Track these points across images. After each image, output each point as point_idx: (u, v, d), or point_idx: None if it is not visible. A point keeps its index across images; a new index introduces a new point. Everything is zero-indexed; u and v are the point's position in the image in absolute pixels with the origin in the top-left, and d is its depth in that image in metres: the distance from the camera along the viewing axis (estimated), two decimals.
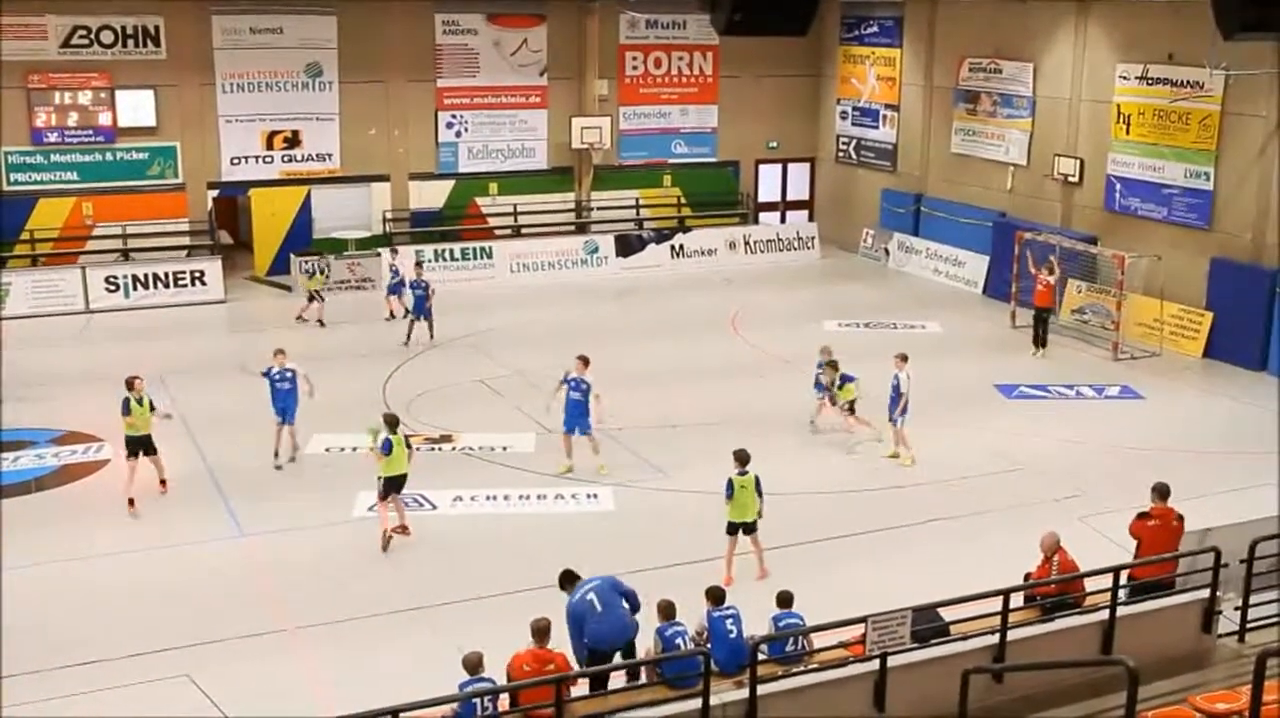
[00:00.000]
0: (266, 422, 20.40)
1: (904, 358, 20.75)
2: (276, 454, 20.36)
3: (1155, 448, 20.91)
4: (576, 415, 19.82)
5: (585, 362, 19.92)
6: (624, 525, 18.31)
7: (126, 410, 18.41)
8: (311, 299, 28.60)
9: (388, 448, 17.32)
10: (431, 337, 26.98)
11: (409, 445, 17.85)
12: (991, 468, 20.49)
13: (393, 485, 17.45)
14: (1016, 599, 12.01)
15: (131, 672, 13.91)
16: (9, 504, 18.68)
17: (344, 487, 19.23)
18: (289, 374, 20.40)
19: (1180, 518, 13.96)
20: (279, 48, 32.73)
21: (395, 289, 29.08)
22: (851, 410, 21.53)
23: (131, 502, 18.44)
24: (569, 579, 12.52)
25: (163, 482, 18.99)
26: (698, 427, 22.30)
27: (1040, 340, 27.32)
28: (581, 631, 11.98)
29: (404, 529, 17.48)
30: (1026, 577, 13.41)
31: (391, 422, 17.81)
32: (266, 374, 20.51)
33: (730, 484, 16.28)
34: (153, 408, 18.58)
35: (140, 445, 18.62)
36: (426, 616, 15.41)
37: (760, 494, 16.39)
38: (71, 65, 31.04)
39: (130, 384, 18.57)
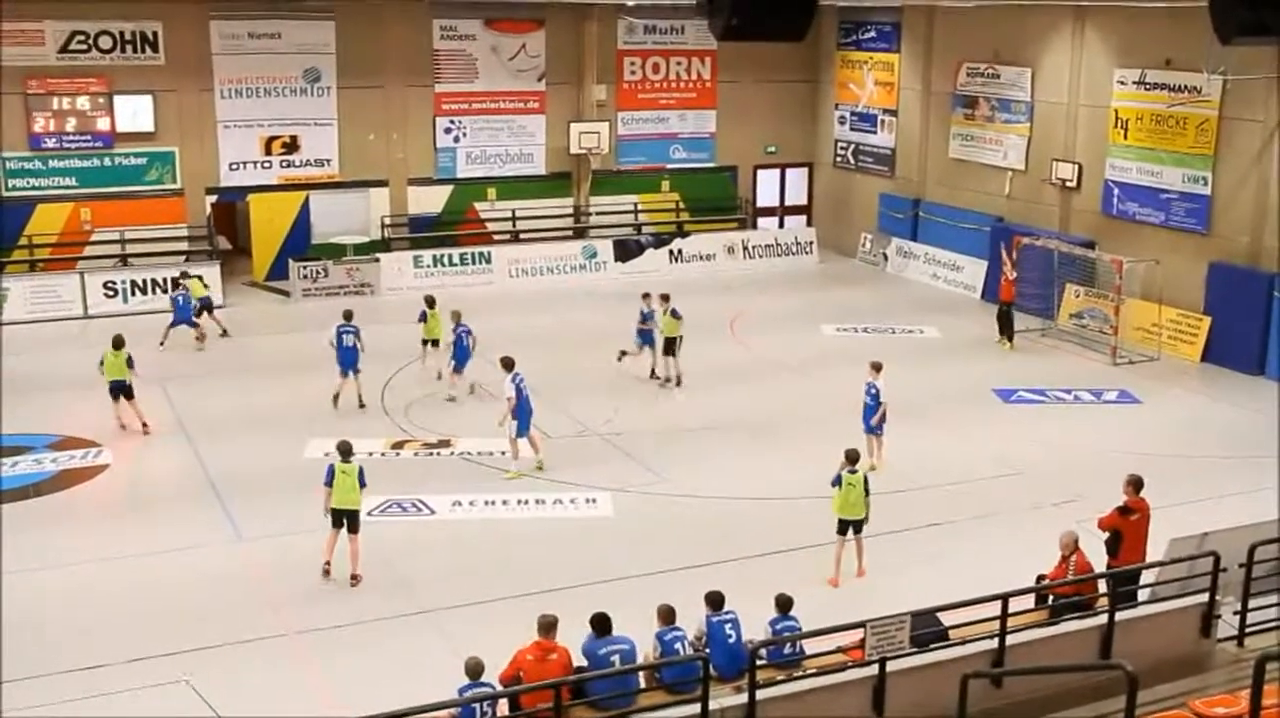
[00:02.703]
0: (267, 423, 20.32)
1: (878, 367, 20.60)
2: (335, 401, 22.81)
3: (1153, 452, 20.91)
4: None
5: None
6: (623, 530, 18.32)
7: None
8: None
9: (330, 477, 16.42)
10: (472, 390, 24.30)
11: (362, 482, 16.56)
12: (990, 472, 20.51)
13: (335, 518, 16.45)
14: (1016, 603, 12.02)
15: (131, 676, 13.91)
16: (9, 509, 18.67)
17: None
18: (353, 329, 23.00)
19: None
20: (277, 53, 32.74)
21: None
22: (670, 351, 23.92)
23: (124, 425, 21.63)
24: (602, 627, 11.82)
25: (144, 424, 21.46)
26: (696, 431, 22.32)
27: (1007, 334, 28.02)
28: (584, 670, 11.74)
29: (326, 570, 16.38)
30: (1040, 578, 13.47)
31: (344, 449, 16.71)
32: (336, 330, 22.97)
33: (839, 479, 16.48)
34: (130, 364, 20.88)
35: (121, 390, 21.40)
36: (426, 620, 15.41)
37: (868, 493, 16.56)
38: (70, 70, 31.03)
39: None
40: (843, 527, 16.60)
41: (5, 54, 30.28)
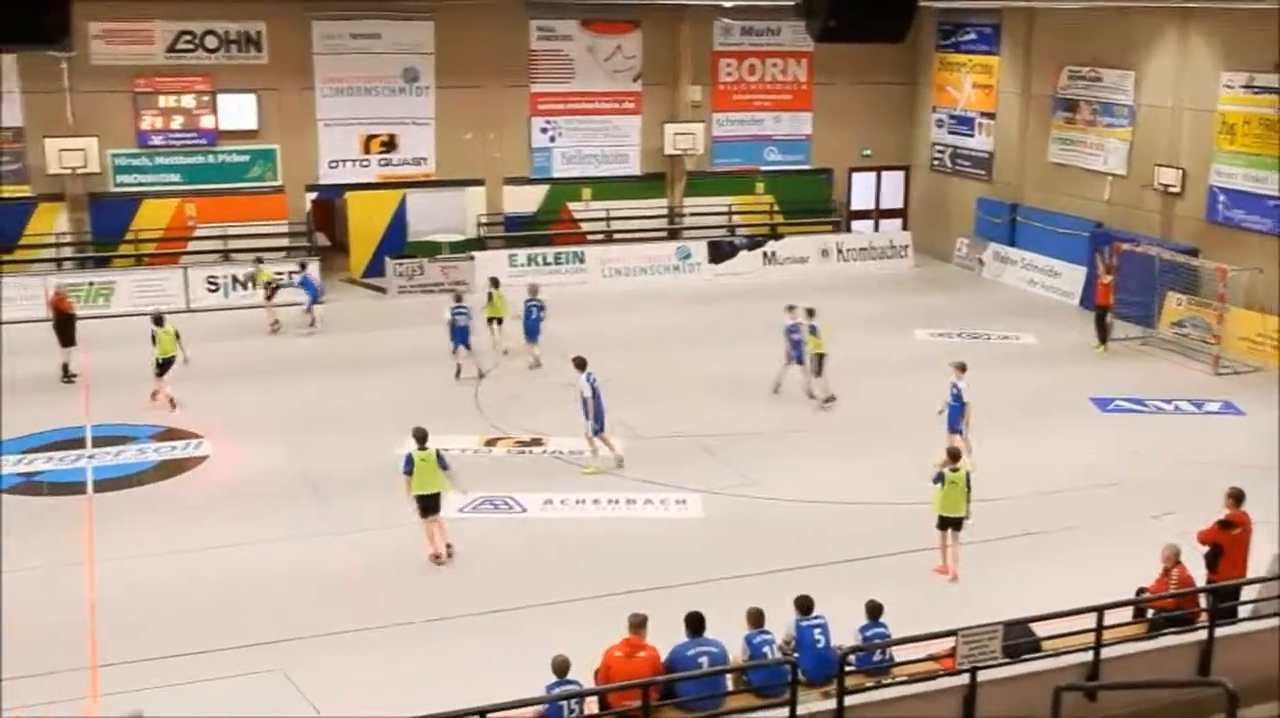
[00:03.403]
0: (361, 420, 20.52)
1: (962, 367, 20.57)
2: (458, 374, 24.85)
3: (1256, 465, 20.40)
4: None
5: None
6: (712, 532, 18.30)
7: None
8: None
9: (409, 466, 16.85)
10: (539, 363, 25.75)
11: (443, 464, 17.01)
12: (1085, 482, 20.17)
13: (423, 504, 16.93)
14: (1112, 616, 11.81)
15: (225, 665, 14.18)
16: (111, 498, 19.16)
17: None
18: (465, 310, 25.16)
19: None
20: (377, 53, 33.18)
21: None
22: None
23: (156, 396, 23.10)
24: (695, 627, 11.73)
25: (171, 402, 22.85)
26: (787, 434, 22.23)
27: (1101, 338, 27.69)
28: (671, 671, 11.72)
29: (435, 557, 16.93)
30: (1140, 590, 13.24)
31: (419, 436, 17.07)
32: (451, 312, 24.93)
33: (941, 477, 16.58)
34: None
35: (168, 366, 23.01)
36: (515, 617, 15.51)
37: (969, 491, 16.65)
38: (176, 69, 31.73)
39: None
40: (943, 523, 16.68)
41: (115, 53, 31.02)
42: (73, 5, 7.29)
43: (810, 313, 24.08)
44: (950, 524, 16.70)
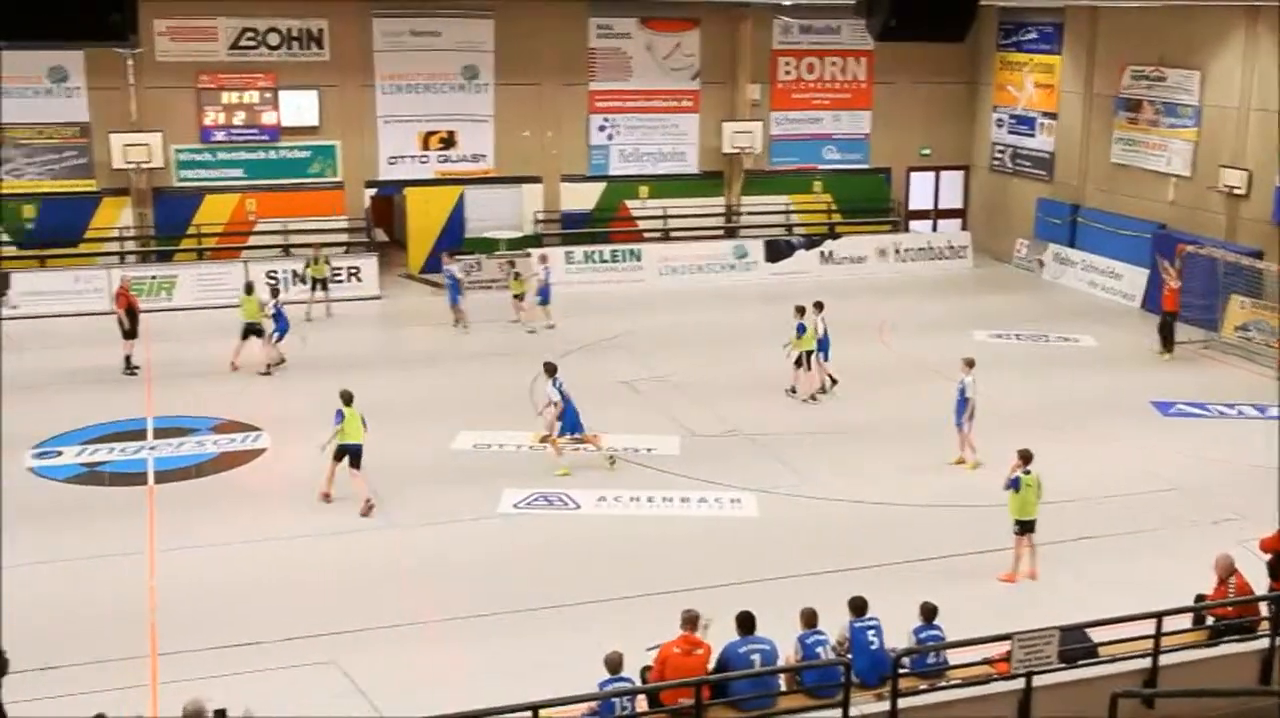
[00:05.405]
0: (419, 414, 20.69)
1: (970, 363, 20.61)
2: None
3: None
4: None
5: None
6: (767, 531, 18.25)
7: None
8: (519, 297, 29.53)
9: (339, 419, 18.68)
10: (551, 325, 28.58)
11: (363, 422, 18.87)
12: (1145, 487, 19.95)
13: (346, 451, 18.68)
14: (1170, 623, 11.68)
15: (281, 655, 14.32)
16: (171, 488, 19.39)
17: (491, 482, 19.53)
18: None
19: None
20: (437, 50, 33.36)
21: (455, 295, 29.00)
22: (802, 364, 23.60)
23: (236, 367, 24.80)
24: (746, 625, 11.71)
25: (268, 366, 24.35)
26: (843, 434, 22.15)
27: (1167, 345, 27.23)
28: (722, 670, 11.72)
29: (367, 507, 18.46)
30: (1199, 598, 13.07)
31: (345, 397, 18.88)
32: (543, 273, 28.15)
33: (1017, 481, 16.51)
34: (262, 307, 22.58)
35: (252, 331, 24.35)
36: (566, 613, 15.54)
37: (1039, 493, 16.60)
38: (239, 66, 32.06)
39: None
40: (1020, 528, 16.60)
41: (180, 50, 31.39)
42: (139, 2, 7.39)
43: (819, 306, 24.24)
44: (1028, 528, 16.61)
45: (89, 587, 16.00)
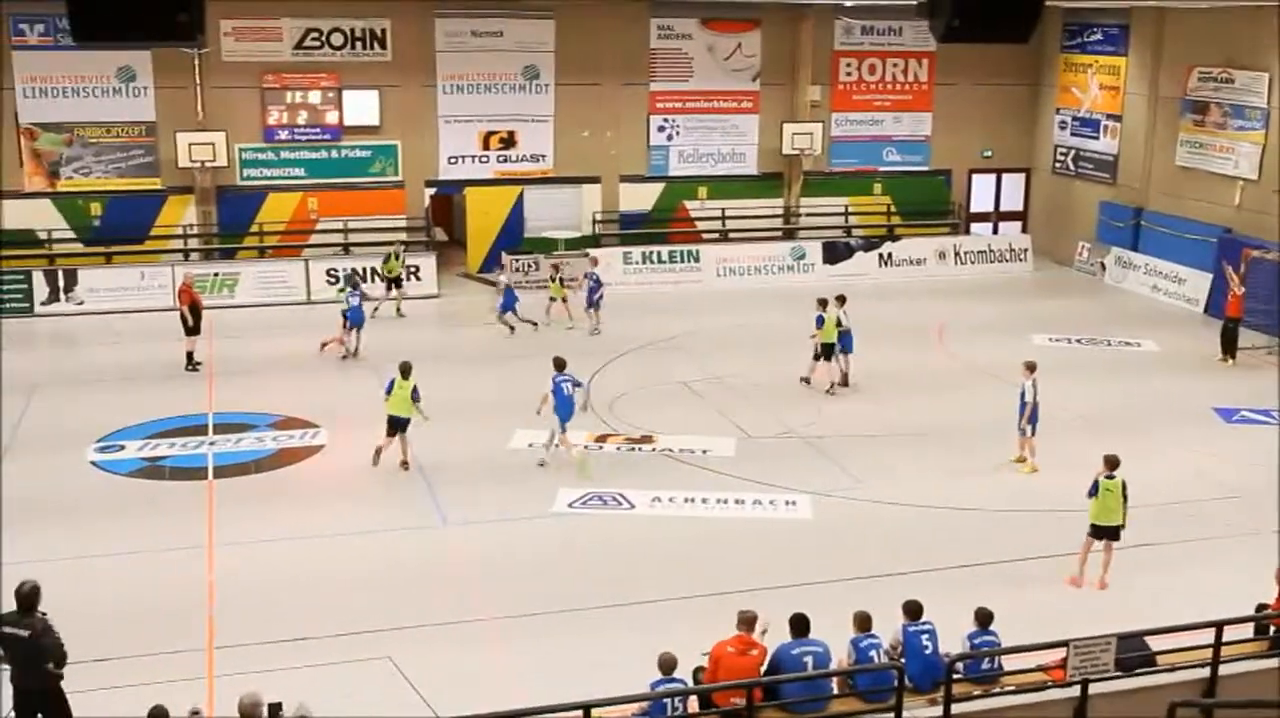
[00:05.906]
0: (475, 413, 20.85)
1: (1031, 367, 20.49)
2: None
3: None
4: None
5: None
6: (822, 534, 18.19)
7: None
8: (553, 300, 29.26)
9: (389, 388, 19.63)
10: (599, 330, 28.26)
11: (416, 397, 19.68)
12: (1206, 494, 19.68)
13: (392, 423, 19.67)
14: (1230, 632, 11.52)
15: (335, 651, 14.42)
16: (230, 483, 19.61)
17: (545, 482, 19.59)
18: (594, 274, 28.53)
19: None
20: (498, 50, 33.52)
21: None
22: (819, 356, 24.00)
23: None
24: (800, 628, 11.69)
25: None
26: (899, 438, 22.02)
27: (1229, 351, 26.82)
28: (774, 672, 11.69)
29: (392, 461, 19.72)
30: (1260, 607, 12.89)
31: (404, 369, 19.80)
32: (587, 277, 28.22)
33: (1096, 485, 16.42)
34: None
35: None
36: (619, 613, 15.56)
37: (1126, 500, 16.45)
38: (303, 66, 32.38)
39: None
40: (1096, 532, 16.48)
41: (245, 50, 31.76)
42: (206, 3, 7.50)
43: (841, 300, 24.57)
44: (1105, 533, 16.44)
45: (148, 580, 16.21)
